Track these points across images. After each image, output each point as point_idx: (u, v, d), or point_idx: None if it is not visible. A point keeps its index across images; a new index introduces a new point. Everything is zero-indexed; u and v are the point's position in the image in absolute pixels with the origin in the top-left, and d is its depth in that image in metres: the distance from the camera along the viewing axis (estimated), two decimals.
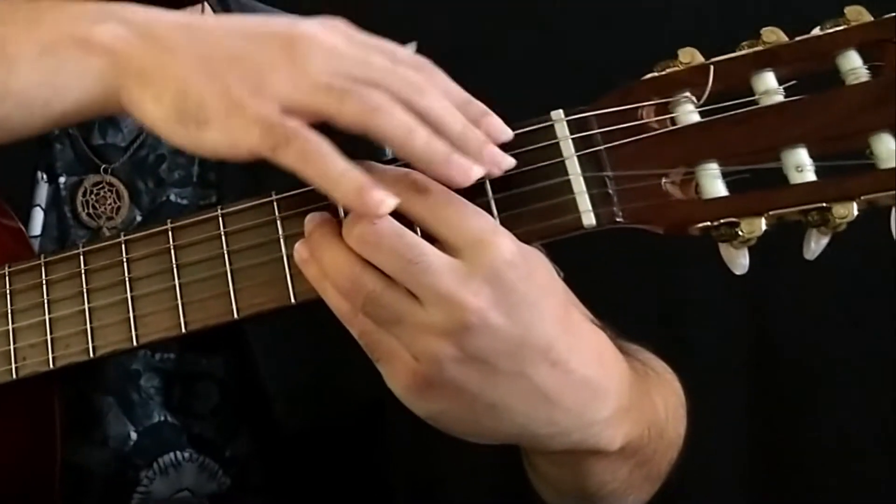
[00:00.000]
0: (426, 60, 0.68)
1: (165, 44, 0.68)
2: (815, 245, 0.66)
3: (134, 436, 0.90)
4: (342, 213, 0.68)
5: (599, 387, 0.68)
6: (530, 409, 0.67)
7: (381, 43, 0.68)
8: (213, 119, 0.65)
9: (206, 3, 1.03)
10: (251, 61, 0.66)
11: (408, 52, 0.68)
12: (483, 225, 0.64)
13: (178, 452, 0.91)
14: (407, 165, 0.66)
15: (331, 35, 0.67)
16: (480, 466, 0.75)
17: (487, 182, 0.67)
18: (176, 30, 0.69)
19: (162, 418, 0.91)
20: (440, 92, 0.66)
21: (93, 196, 0.94)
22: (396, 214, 0.65)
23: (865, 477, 1.47)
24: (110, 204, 0.93)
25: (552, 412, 0.67)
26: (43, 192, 0.94)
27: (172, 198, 0.95)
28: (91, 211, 0.93)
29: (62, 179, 0.94)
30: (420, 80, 0.65)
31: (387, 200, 0.63)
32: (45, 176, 0.94)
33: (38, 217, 0.93)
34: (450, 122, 0.65)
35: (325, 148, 0.64)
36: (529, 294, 0.64)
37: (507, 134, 0.67)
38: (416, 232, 0.65)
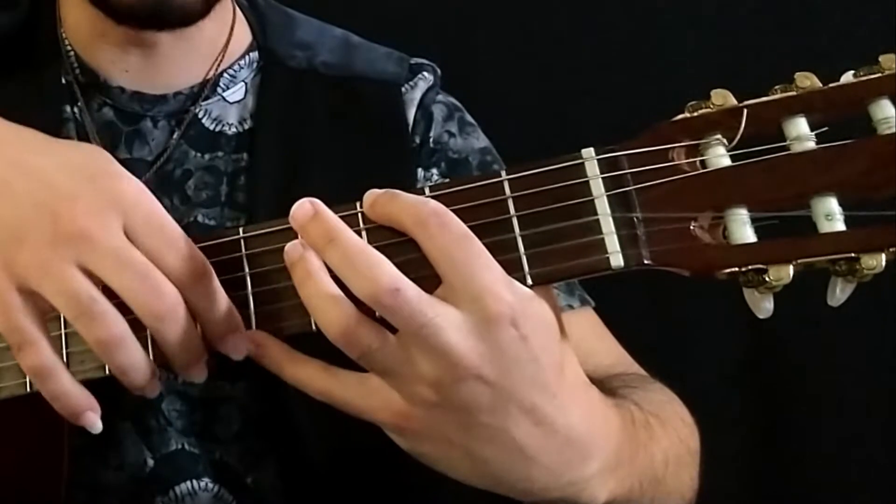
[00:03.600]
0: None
1: None
2: (841, 293, 0.66)
3: (151, 462, 0.90)
4: None
5: (584, 448, 0.69)
6: (507, 462, 0.68)
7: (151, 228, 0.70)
8: None
9: (237, 9, 1.03)
10: (22, 241, 0.69)
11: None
12: (490, 279, 0.64)
13: (194, 481, 0.91)
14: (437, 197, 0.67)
15: (105, 220, 0.68)
16: None
17: (515, 218, 0.67)
18: None
19: (180, 446, 0.91)
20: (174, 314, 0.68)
21: None
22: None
23: (866, 478, 1.48)
24: None
25: (530, 468, 0.68)
26: None
27: (200, 218, 0.94)
28: None
29: None
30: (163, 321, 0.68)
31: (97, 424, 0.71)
32: None
33: None
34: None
35: (48, 367, 0.70)
36: (522, 355, 0.64)
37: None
38: None
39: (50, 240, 0.68)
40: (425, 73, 1.05)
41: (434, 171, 1.02)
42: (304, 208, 0.66)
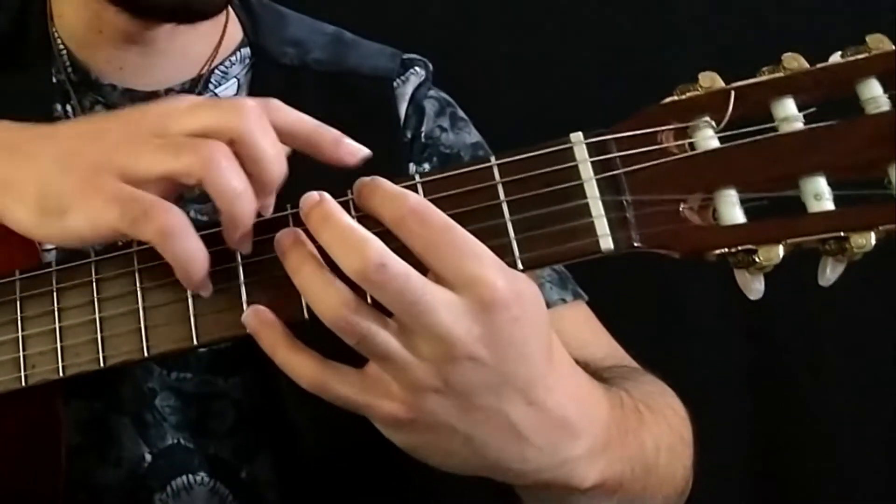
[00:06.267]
0: (262, 104, 0.70)
1: (27, 151, 0.72)
2: (831, 273, 0.66)
3: (148, 457, 0.90)
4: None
5: (573, 427, 0.69)
6: (503, 444, 0.68)
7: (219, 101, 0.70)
8: (72, 205, 0.69)
9: (229, 6, 1.03)
10: (98, 146, 0.70)
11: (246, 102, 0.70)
12: (477, 267, 0.64)
13: (190, 475, 0.91)
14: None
15: (167, 102, 0.71)
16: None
17: (504, 203, 0.67)
18: (35, 139, 0.73)
19: (175, 441, 0.91)
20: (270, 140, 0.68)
21: None
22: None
23: (865, 478, 1.48)
24: None
25: (524, 449, 0.68)
26: None
27: (192, 214, 0.93)
28: None
29: None
30: (250, 126, 0.68)
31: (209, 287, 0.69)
32: None
33: None
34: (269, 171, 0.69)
35: (180, 225, 0.67)
36: (515, 336, 0.65)
37: (363, 153, 0.71)
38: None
39: (126, 134, 0.70)
40: (417, 68, 1.06)
41: (426, 165, 1.02)
42: (313, 198, 0.67)
